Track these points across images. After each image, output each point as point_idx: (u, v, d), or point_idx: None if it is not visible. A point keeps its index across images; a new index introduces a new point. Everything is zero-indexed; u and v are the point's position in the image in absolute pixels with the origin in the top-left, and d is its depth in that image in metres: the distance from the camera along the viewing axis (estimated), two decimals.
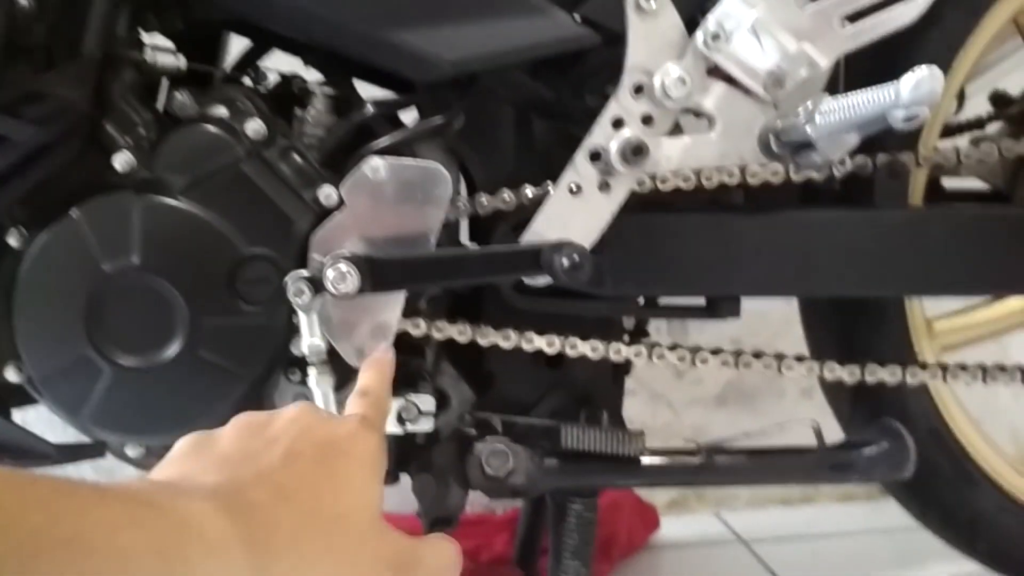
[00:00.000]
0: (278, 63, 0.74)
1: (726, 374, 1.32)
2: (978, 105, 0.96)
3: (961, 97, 0.90)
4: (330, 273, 0.58)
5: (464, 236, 0.76)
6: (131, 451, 0.66)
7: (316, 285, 0.59)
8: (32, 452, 0.66)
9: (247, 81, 0.72)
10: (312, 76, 0.73)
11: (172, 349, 0.61)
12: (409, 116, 0.73)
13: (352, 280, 0.58)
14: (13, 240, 0.60)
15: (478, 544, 1.13)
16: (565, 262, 0.60)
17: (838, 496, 1.36)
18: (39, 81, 0.59)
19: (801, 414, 0.78)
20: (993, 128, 0.95)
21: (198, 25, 0.71)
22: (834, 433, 0.83)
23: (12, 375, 0.62)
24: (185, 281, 0.60)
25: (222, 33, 0.75)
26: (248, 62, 0.75)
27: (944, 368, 0.75)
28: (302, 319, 0.60)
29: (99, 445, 0.67)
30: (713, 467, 0.70)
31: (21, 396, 0.66)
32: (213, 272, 0.61)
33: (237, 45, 0.75)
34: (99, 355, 0.60)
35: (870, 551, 1.20)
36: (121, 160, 0.61)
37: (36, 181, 0.60)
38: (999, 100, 0.96)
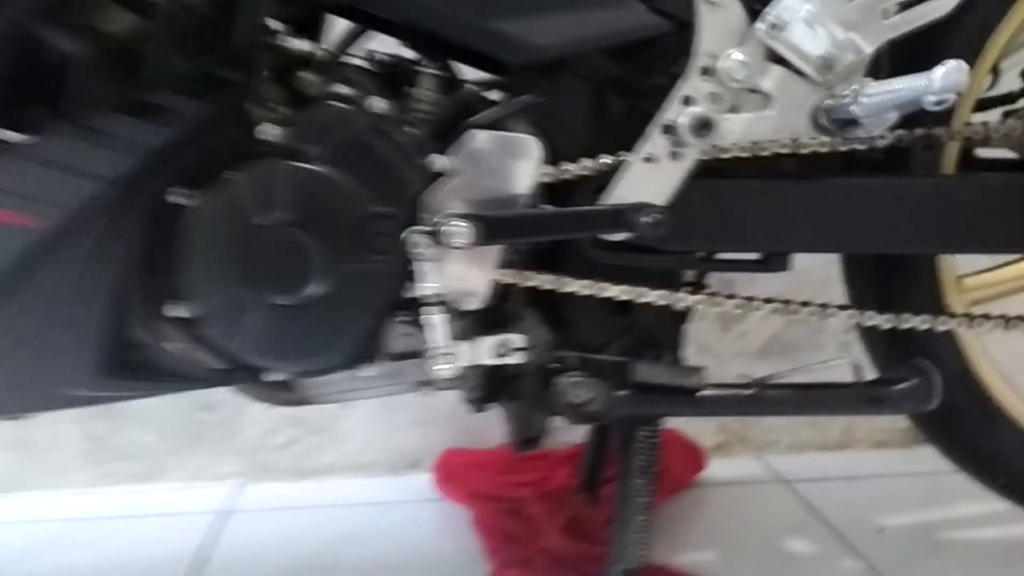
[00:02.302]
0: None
1: (769, 328, 1.42)
2: (1013, 80, 1.04)
3: (996, 73, 0.98)
4: (448, 228, 0.69)
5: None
6: (271, 377, 0.78)
7: (434, 238, 0.70)
8: (185, 376, 0.79)
9: (358, 61, 0.83)
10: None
11: (311, 289, 0.73)
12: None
13: (466, 235, 0.70)
14: (179, 198, 0.72)
15: (541, 476, 1.25)
16: (648, 220, 0.71)
17: (873, 442, 1.46)
18: (201, 64, 0.70)
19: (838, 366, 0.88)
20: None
21: (308, 9, 0.82)
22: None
23: (175, 311, 0.75)
24: (322, 233, 0.72)
25: (323, 16, 0.86)
26: (348, 42, 0.86)
27: (970, 317, 0.85)
28: (420, 268, 0.71)
29: (242, 372, 0.79)
30: (764, 399, 0.81)
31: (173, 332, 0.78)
32: (345, 225, 0.73)
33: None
34: (252, 293, 0.72)
35: (903, 492, 1.29)
36: (265, 131, 0.72)
37: (199, 150, 0.71)
38: None
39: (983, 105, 1.01)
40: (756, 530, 1.19)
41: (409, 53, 0.84)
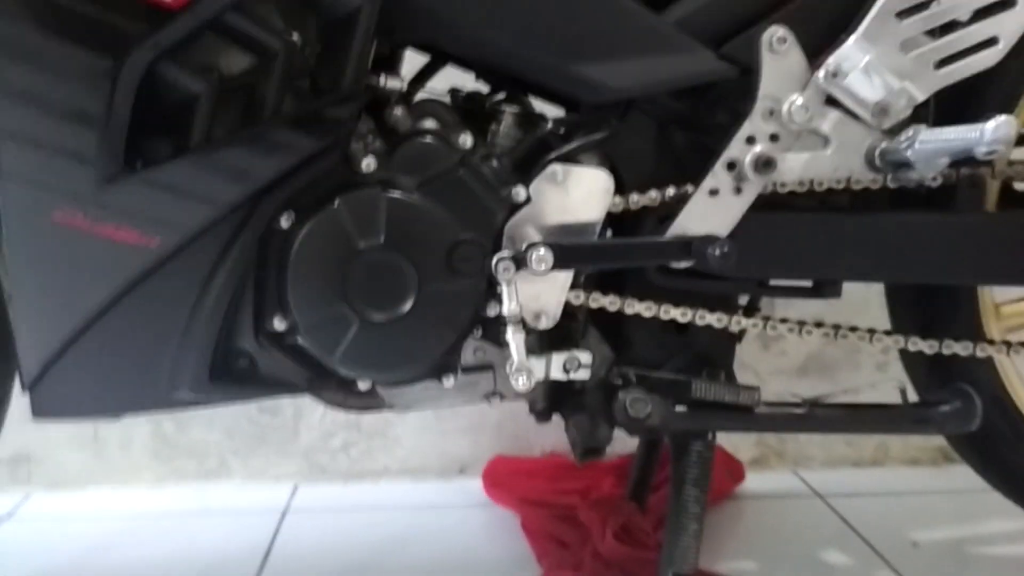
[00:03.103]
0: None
1: (807, 347, 1.48)
2: None
3: None
4: (532, 255, 0.76)
5: None
6: (362, 385, 0.85)
7: (518, 263, 0.77)
8: (283, 383, 0.86)
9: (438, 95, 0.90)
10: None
11: (405, 307, 0.80)
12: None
13: (548, 260, 0.76)
14: (285, 223, 0.79)
15: (588, 485, 1.31)
16: (716, 252, 0.77)
17: (906, 459, 1.51)
18: (313, 104, 0.77)
19: (876, 384, 0.93)
20: None
21: (392, 46, 0.89)
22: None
23: (279, 324, 0.82)
24: (416, 256, 0.79)
25: (403, 52, 0.92)
26: (427, 76, 0.92)
27: (1008, 344, 0.90)
28: (504, 289, 0.78)
29: (337, 380, 0.85)
30: (815, 417, 0.87)
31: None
32: (436, 250, 0.79)
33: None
34: (351, 310, 0.79)
35: (936, 508, 1.33)
36: (366, 164, 0.79)
37: (306, 180, 0.78)
38: None
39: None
40: (793, 542, 1.23)
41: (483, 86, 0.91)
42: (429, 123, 0.83)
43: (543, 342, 0.89)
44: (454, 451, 1.47)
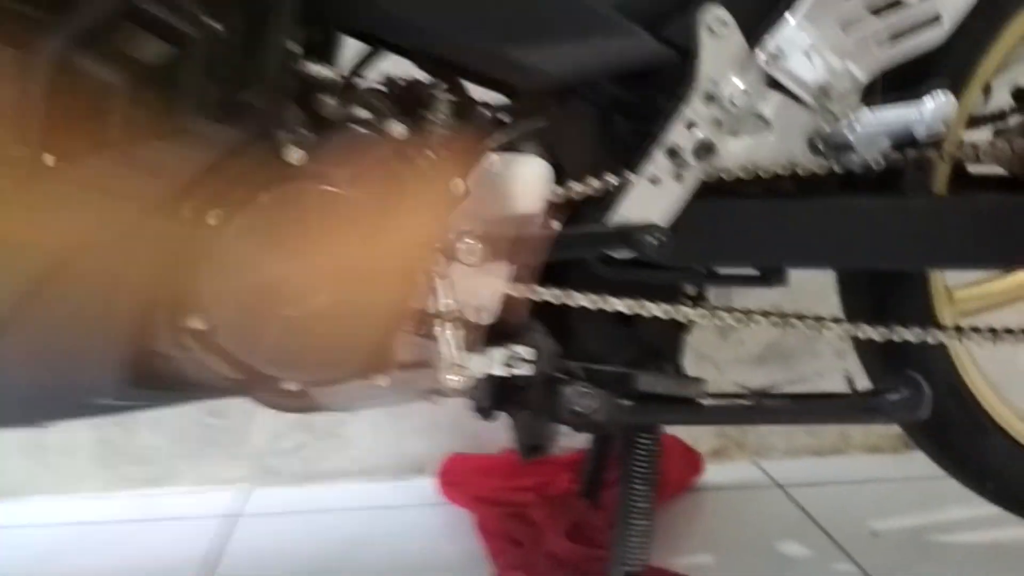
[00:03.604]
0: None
1: (766, 336, 1.46)
2: (1005, 97, 1.08)
3: (987, 91, 1.02)
4: (461, 246, 0.73)
5: None
6: (290, 386, 0.82)
7: (448, 256, 0.73)
8: (207, 386, 0.82)
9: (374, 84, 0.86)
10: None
11: (327, 302, 0.76)
12: None
13: (478, 252, 0.73)
14: (211, 219, 0.75)
15: (543, 481, 1.29)
16: (652, 240, 0.74)
17: (867, 447, 1.50)
18: (231, 91, 0.73)
19: (834, 372, 0.91)
20: (1014, 119, 1.07)
21: (324, 33, 0.86)
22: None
23: (197, 323, 0.78)
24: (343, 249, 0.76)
25: (338, 39, 0.89)
26: (362, 64, 0.89)
27: (960, 329, 0.89)
28: (438, 283, 0.75)
29: (260, 381, 0.82)
30: (761, 408, 0.85)
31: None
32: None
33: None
34: (272, 308, 0.76)
35: (896, 496, 1.32)
36: (296, 156, 0.75)
37: (227, 173, 0.74)
38: (1019, 95, 1.08)
39: (975, 122, 1.05)
40: (752, 534, 1.22)
41: (420, 73, 0.88)
42: (363, 113, 0.80)
43: (485, 337, 0.86)
44: (410, 450, 1.44)
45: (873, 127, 0.70)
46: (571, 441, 1.38)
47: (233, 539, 1.26)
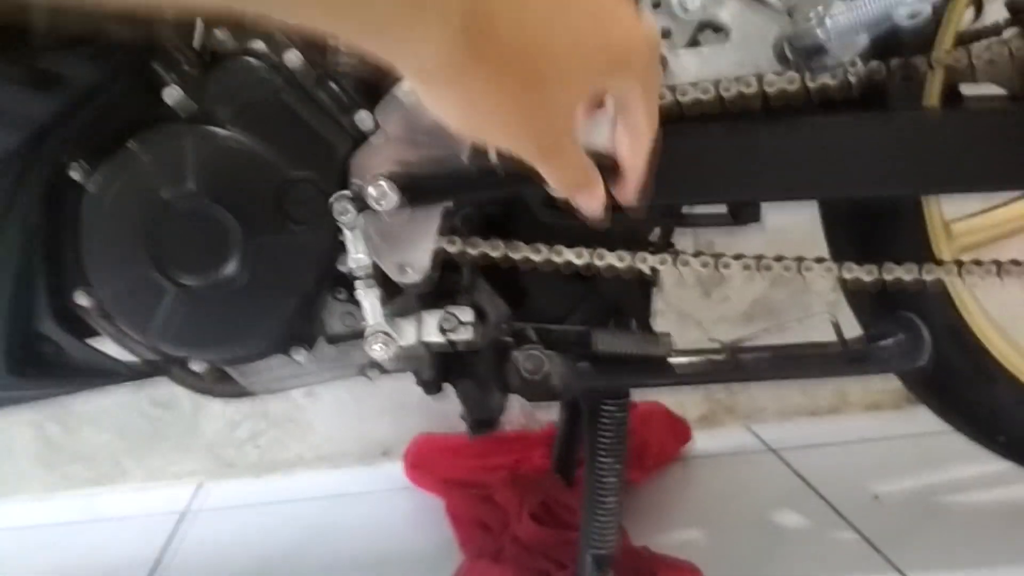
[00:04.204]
0: None
1: (752, 291, 1.35)
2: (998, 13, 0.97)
3: (979, 7, 0.91)
4: (371, 190, 0.62)
5: None
6: (195, 366, 0.71)
7: (359, 203, 0.63)
8: (104, 371, 0.72)
9: None
10: None
11: (229, 268, 0.66)
12: None
13: (392, 196, 0.62)
14: (76, 174, 0.65)
15: (517, 458, 1.19)
16: None
17: (865, 405, 1.40)
18: (90, 24, 0.62)
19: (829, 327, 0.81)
20: (1010, 34, 0.96)
21: None
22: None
23: (82, 299, 0.67)
24: (237, 204, 0.65)
25: None
26: None
27: (959, 264, 0.78)
28: (347, 236, 0.64)
29: (166, 362, 0.72)
30: (737, 364, 0.74)
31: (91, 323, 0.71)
32: (262, 195, 0.65)
33: None
34: (163, 276, 0.65)
35: (898, 456, 1.23)
36: (170, 95, 0.65)
37: (93, 118, 0.64)
38: (1015, 6, 0.97)
39: (967, 40, 0.94)
40: (744, 504, 1.13)
41: None
42: (255, 44, 0.69)
43: (422, 300, 0.76)
44: (375, 433, 1.34)
45: (845, 17, 0.59)
46: (548, 414, 1.30)
47: (188, 536, 1.17)
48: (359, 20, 0.37)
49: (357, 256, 0.64)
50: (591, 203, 0.52)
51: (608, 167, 0.53)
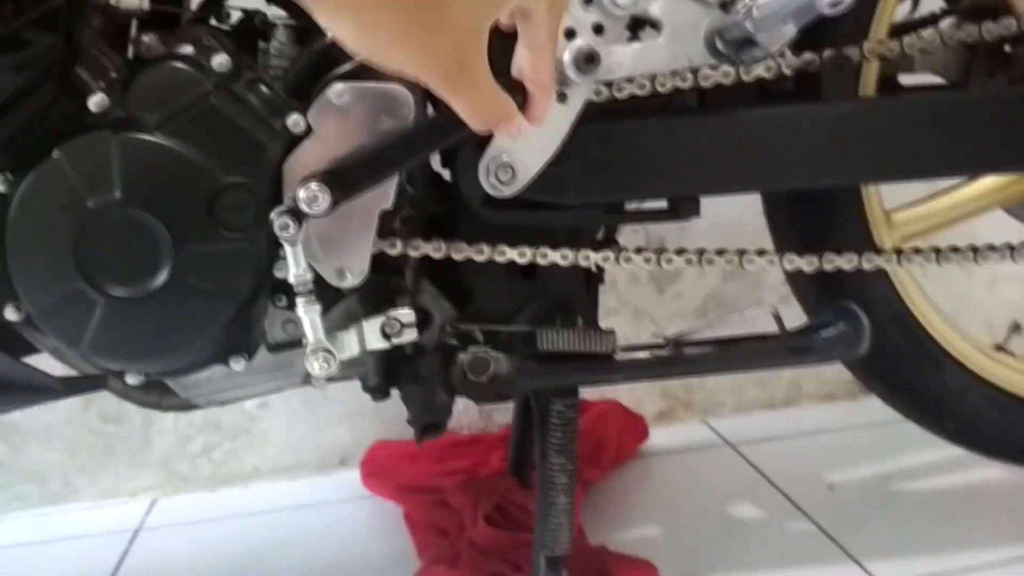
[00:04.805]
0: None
1: (705, 286, 1.36)
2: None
3: None
4: (302, 194, 0.61)
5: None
6: (131, 379, 0.70)
7: (298, 216, 0.61)
8: (37, 387, 0.70)
9: (212, 20, 0.74)
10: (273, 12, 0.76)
11: (160, 277, 0.64)
12: None
13: (324, 196, 0.61)
14: None
15: (474, 462, 1.18)
16: None
17: (821, 396, 1.41)
18: (10, 28, 0.60)
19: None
20: (945, 23, 0.97)
21: None
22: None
23: (11, 314, 0.66)
24: (167, 212, 0.63)
25: None
26: (212, 2, 0.77)
27: (899, 252, 0.78)
28: (288, 251, 0.62)
29: (102, 376, 0.70)
30: (682, 358, 0.74)
31: (22, 338, 0.69)
32: (192, 201, 0.64)
33: None
34: (92, 287, 0.63)
35: (853, 446, 1.24)
36: (95, 102, 0.63)
37: (17, 126, 0.62)
38: None
39: (905, 30, 0.95)
40: (702, 499, 1.13)
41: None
42: (183, 49, 0.67)
43: (363, 304, 0.75)
44: (332, 442, 1.32)
45: (771, 7, 0.59)
46: (506, 416, 1.29)
47: (142, 553, 1.14)
48: None
49: (297, 272, 0.62)
50: (509, 132, 0.50)
51: (514, 88, 0.51)
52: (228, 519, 1.22)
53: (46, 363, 0.72)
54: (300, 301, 0.64)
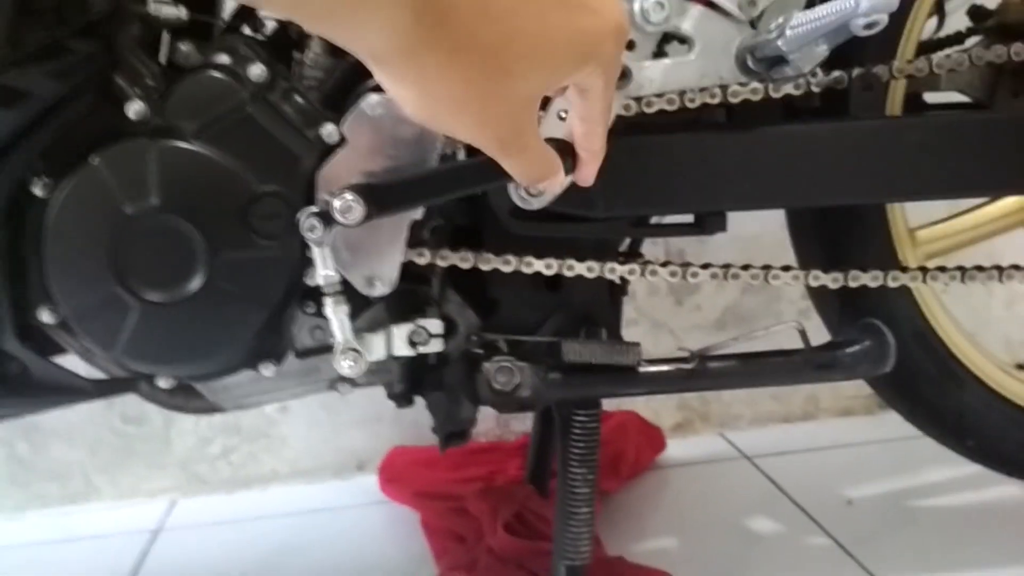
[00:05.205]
0: None
1: (724, 299, 1.36)
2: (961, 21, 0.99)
3: (941, 16, 0.92)
4: (337, 204, 0.61)
5: None
6: (162, 383, 0.71)
7: (326, 219, 0.62)
8: (69, 388, 0.71)
9: (246, 30, 0.75)
10: None
11: (195, 283, 0.65)
12: None
13: (358, 209, 0.62)
14: (38, 190, 0.64)
15: (492, 470, 1.19)
16: None
17: (838, 411, 1.41)
18: (53, 37, 0.62)
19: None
20: (972, 42, 0.98)
21: None
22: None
23: (46, 316, 0.67)
24: (202, 219, 0.64)
25: None
26: (245, 11, 0.78)
27: (924, 271, 0.79)
28: (316, 253, 0.63)
29: (132, 379, 0.71)
30: (706, 372, 0.74)
31: (51, 339, 0.70)
32: (227, 209, 0.65)
33: None
34: (127, 292, 0.64)
35: (870, 461, 1.24)
36: (134, 109, 0.64)
37: (56, 133, 0.63)
38: (977, 14, 0.98)
39: (929, 48, 0.96)
40: (718, 511, 1.13)
41: None
42: (219, 58, 0.68)
43: (390, 312, 0.75)
44: (349, 446, 1.33)
45: (805, 28, 0.59)
46: (523, 425, 1.29)
47: (159, 554, 1.15)
48: (312, 3, 0.38)
49: (326, 273, 0.63)
50: (552, 189, 0.51)
51: (564, 150, 0.53)
52: (246, 521, 1.23)
53: (70, 364, 0.74)
54: (328, 302, 0.65)
